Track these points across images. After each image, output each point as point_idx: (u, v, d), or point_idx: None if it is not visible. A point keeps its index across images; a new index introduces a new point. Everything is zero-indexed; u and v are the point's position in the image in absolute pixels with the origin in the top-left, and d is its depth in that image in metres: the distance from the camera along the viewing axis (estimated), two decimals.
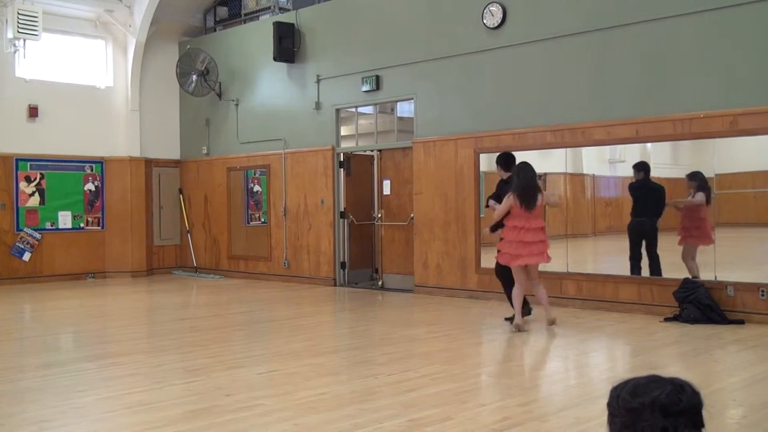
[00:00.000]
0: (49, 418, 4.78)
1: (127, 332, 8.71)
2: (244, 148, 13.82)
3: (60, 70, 13.67)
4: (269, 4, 13.69)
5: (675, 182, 9.18)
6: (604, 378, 5.97)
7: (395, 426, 4.48)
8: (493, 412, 4.89)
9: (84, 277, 13.87)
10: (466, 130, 10.47)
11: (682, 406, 1.70)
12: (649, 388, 1.74)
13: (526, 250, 7.72)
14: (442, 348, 7.15)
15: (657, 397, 1.71)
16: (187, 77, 14.00)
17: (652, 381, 1.76)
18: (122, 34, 14.16)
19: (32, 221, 13.33)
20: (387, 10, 11.48)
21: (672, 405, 1.70)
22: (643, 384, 1.76)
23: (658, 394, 1.71)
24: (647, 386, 1.74)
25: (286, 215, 13.10)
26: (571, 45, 9.38)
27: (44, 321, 9.84)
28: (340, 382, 5.79)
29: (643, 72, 8.79)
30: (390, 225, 11.85)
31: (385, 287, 11.85)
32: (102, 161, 14.13)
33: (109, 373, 6.20)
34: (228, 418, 4.70)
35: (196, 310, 10.84)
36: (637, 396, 1.73)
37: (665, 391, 1.72)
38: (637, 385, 1.76)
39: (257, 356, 6.98)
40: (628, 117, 8.89)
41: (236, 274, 14.00)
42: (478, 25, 10.21)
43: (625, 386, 1.79)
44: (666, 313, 8.40)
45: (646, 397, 1.71)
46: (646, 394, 1.72)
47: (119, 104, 14.34)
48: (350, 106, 12.25)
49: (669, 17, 8.54)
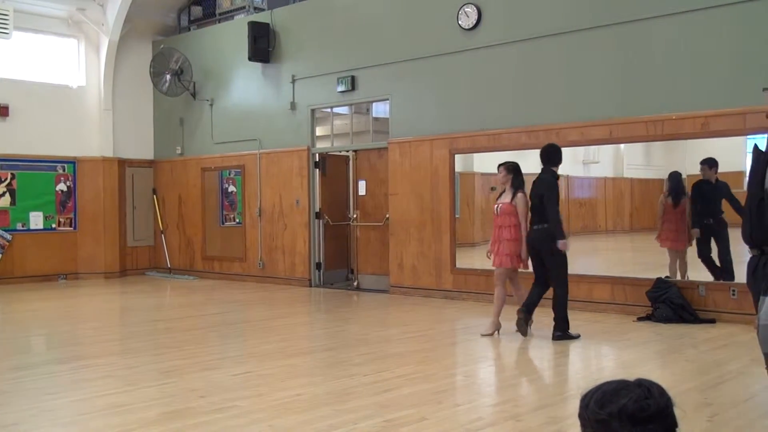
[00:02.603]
0: (19, 421, 4.72)
1: (99, 334, 8.62)
2: (219, 148, 13.75)
3: (31, 69, 13.49)
4: (244, 4, 13.62)
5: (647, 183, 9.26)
6: (578, 377, 6.02)
7: (371, 426, 4.47)
8: (468, 411, 4.91)
9: (56, 278, 13.71)
10: (441, 131, 10.49)
11: (651, 411, 1.68)
12: (617, 395, 1.71)
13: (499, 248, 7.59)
14: (417, 348, 7.16)
15: (624, 406, 1.68)
16: (161, 77, 13.89)
17: (620, 388, 1.73)
18: (95, 32, 14.02)
19: (3, 222, 13.15)
20: (362, 10, 11.48)
21: (640, 411, 1.68)
22: (611, 392, 1.73)
23: (625, 402, 1.68)
24: (615, 394, 1.71)
25: (261, 216, 13.04)
26: (546, 46, 9.43)
27: (15, 323, 9.70)
28: (315, 383, 5.78)
29: (617, 73, 8.87)
30: (365, 225, 11.85)
31: (361, 288, 11.84)
32: (74, 161, 13.97)
33: (81, 375, 6.13)
34: (203, 420, 4.67)
35: (170, 311, 10.76)
36: (604, 406, 1.70)
37: (632, 398, 1.69)
38: (605, 393, 1.73)
39: (232, 357, 6.95)
40: (602, 118, 8.97)
41: (211, 275, 13.92)
42: (453, 26, 10.24)
43: (593, 395, 1.75)
44: (639, 312, 8.49)
45: (614, 407, 1.69)
46: (614, 403, 1.69)
47: (92, 104, 14.20)
48: (325, 107, 12.23)
49: (643, 19, 8.62)
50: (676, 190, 8.76)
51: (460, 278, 10.30)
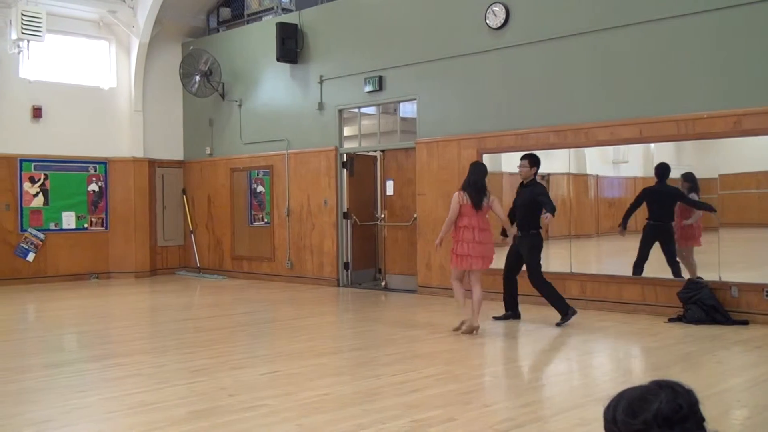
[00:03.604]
0: (51, 419, 4.78)
1: (130, 333, 8.71)
2: (248, 148, 13.83)
3: (63, 71, 13.68)
4: (272, 5, 13.69)
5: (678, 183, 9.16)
6: (608, 379, 5.96)
7: (399, 426, 4.47)
8: (497, 412, 4.88)
9: (87, 277, 13.88)
10: (468, 131, 10.46)
11: (684, 411, 1.66)
12: (645, 402, 1.68)
13: (478, 250, 7.59)
14: (445, 349, 7.14)
15: (659, 410, 1.65)
16: (191, 78, 14.01)
17: (644, 393, 1.70)
18: (125, 35, 14.18)
19: (36, 222, 13.35)
20: (390, 10, 11.48)
21: (675, 413, 1.65)
22: (637, 399, 1.70)
23: (658, 406, 1.66)
24: (642, 400, 1.68)
25: (289, 216, 13.10)
26: (575, 45, 9.36)
27: (47, 321, 9.84)
28: (343, 382, 5.78)
29: (647, 72, 8.77)
30: (393, 225, 11.85)
31: (389, 288, 11.84)
32: (105, 162, 14.14)
33: (111, 373, 6.20)
34: (231, 419, 4.69)
35: (200, 310, 10.84)
36: (636, 415, 1.66)
37: (663, 401, 1.66)
38: (631, 402, 1.70)
39: (260, 357, 6.98)
40: (631, 117, 8.88)
41: (239, 275, 14.00)
42: (481, 26, 10.20)
43: (617, 406, 1.72)
44: (670, 313, 8.38)
45: (648, 414, 1.65)
46: (646, 410, 1.66)
47: (123, 105, 14.36)
48: (353, 107, 12.25)
49: (673, 17, 8.52)
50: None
51: (488, 278, 10.24)
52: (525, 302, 9.45)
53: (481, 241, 7.59)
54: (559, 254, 9.83)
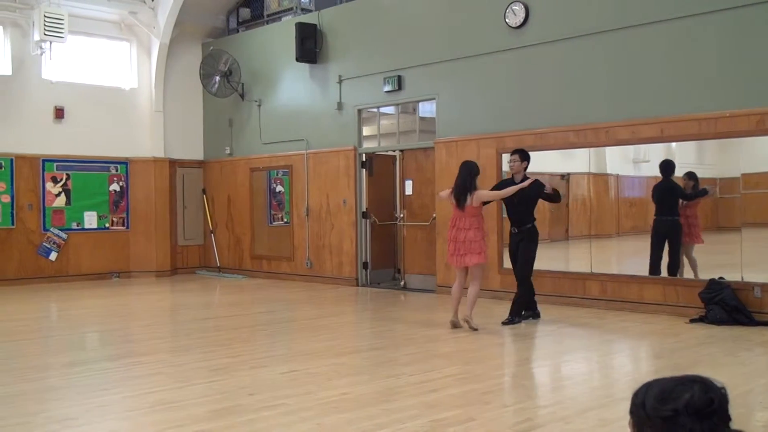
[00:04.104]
0: (73, 416, 4.83)
1: (150, 331, 8.77)
2: (267, 148, 13.88)
3: (85, 72, 13.80)
4: (291, 5, 13.72)
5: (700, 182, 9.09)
6: (629, 379, 5.92)
7: (418, 426, 4.46)
8: (516, 413, 4.87)
9: (109, 276, 14.00)
10: (488, 130, 10.43)
11: (715, 405, 1.66)
12: (676, 391, 1.68)
13: (462, 249, 7.81)
14: (464, 348, 7.13)
15: (690, 400, 1.65)
16: (211, 78, 14.08)
17: (677, 383, 1.71)
18: (146, 35, 14.28)
19: (59, 221, 13.48)
20: (409, 10, 11.47)
21: (705, 406, 1.66)
22: (670, 388, 1.70)
23: (690, 397, 1.66)
24: (674, 390, 1.69)
25: (308, 215, 13.13)
26: (595, 44, 9.31)
27: (69, 320, 9.94)
28: (362, 382, 5.78)
29: (668, 70, 8.70)
30: (412, 225, 11.84)
31: (408, 287, 11.84)
32: (126, 162, 14.25)
33: (133, 372, 6.24)
34: (251, 417, 4.71)
35: (219, 309, 10.90)
36: (667, 402, 1.67)
37: (695, 393, 1.67)
38: (663, 389, 1.70)
39: (280, 356, 7.00)
40: (652, 116, 8.81)
41: (259, 274, 14.06)
42: (500, 25, 10.17)
43: (647, 391, 1.72)
44: (691, 314, 8.31)
45: (678, 403, 1.66)
46: (677, 399, 1.66)
47: (143, 105, 14.46)
48: (372, 107, 12.25)
49: (693, 15, 8.44)
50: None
51: (508, 278, 10.20)
52: (545, 302, 9.43)
53: (465, 239, 7.77)
54: (580, 254, 9.78)
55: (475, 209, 7.82)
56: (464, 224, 7.80)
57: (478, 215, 7.87)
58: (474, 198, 7.80)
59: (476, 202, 7.81)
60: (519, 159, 8.31)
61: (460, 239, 7.79)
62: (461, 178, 7.89)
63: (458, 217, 7.86)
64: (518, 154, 8.35)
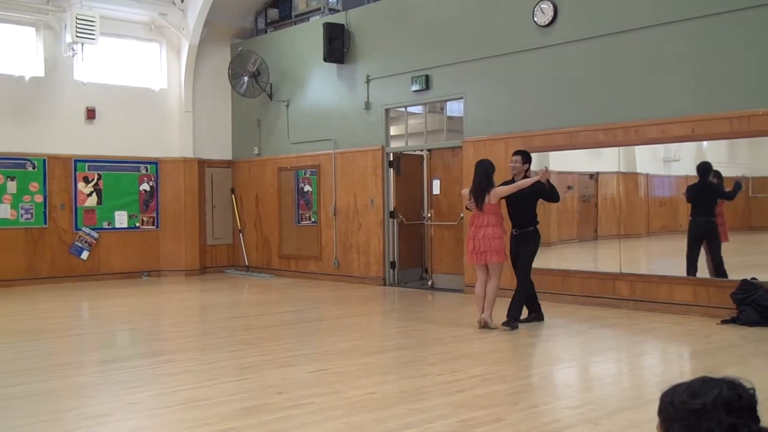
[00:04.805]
0: (105, 413, 4.90)
1: (180, 330, 8.85)
2: (295, 148, 13.94)
3: (116, 73, 13.96)
4: (319, 6, 13.77)
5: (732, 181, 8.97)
6: (659, 381, 5.86)
7: (445, 426, 4.46)
8: (545, 413, 4.84)
9: (139, 275, 14.15)
10: (516, 130, 10.38)
11: (744, 402, 1.69)
12: (705, 388, 1.71)
13: (473, 247, 7.86)
14: (492, 348, 7.11)
15: (719, 395, 1.69)
16: (239, 79, 14.18)
17: (705, 382, 1.74)
18: (176, 37, 14.41)
19: (90, 221, 13.65)
20: (436, 9, 11.45)
21: (735, 401, 1.68)
22: (699, 386, 1.74)
23: (719, 392, 1.69)
24: (703, 387, 1.72)
25: (336, 215, 13.16)
26: (624, 42, 9.22)
27: (101, 318, 10.07)
28: (389, 381, 5.79)
29: (699, 68, 8.59)
30: (439, 224, 11.82)
31: (435, 287, 11.82)
32: (156, 162, 14.40)
33: (162, 369, 6.31)
34: (279, 416, 4.74)
35: (248, 308, 10.97)
36: (697, 397, 1.70)
37: (724, 389, 1.70)
38: (692, 386, 1.74)
39: (307, 355, 7.03)
40: (682, 115, 8.71)
41: (287, 273, 14.13)
42: (528, 23, 10.12)
43: (676, 391, 1.76)
44: (723, 315, 8.20)
45: (707, 397, 1.69)
46: (706, 394, 1.69)
47: (173, 106, 14.60)
48: (400, 106, 12.25)
49: (725, 12, 8.33)
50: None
51: (536, 278, 10.15)
52: (573, 302, 9.38)
53: (483, 236, 7.79)
54: (609, 254, 9.70)
55: (494, 207, 7.84)
56: (483, 222, 7.83)
57: (497, 213, 7.88)
58: (491, 196, 7.82)
59: (494, 200, 7.83)
60: (521, 161, 8.19)
61: (479, 237, 7.82)
62: (477, 178, 7.93)
63: (477, 215, 7.90)
64: (520, 156, 8.23)
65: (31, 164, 13.00)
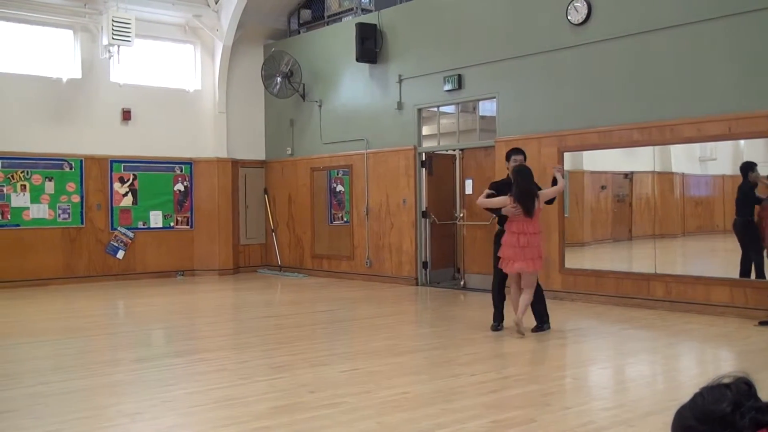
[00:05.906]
0: (141, 411, 4.96)
1: (214, 329, 8.94)
2: (327, 148, 13.99)
3: (151, 75, 14.14)
4: (352, 6, 13.81)
5: None
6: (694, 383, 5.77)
7: (478, 427, 4.45)
8: (578, 415, 4.81)
9: (174, 275, 14.31)
10: (549, 129, 10.31)
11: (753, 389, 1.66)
12: (720, 392, 1.67)
13: (521, 254, 7.51)
14: (525, 349, 7.07)
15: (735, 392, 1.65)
16: (272, 79, 14.27)
17: (712, 388, 1.69)
18: (210, 38, 14.55)
19: (125, 221, 13.84)
20: (469, 8, 11.42)
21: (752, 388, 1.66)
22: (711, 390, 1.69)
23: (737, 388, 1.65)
24: (718, 391, 1.68)
25: (368, 215, 13.19)
26: (659, 40, 9.11)
27: (136, 317, 10.20)
28: (421, 381, 5.79)
29: (736, 66, 8.46)
30: (472, 225, 11.79)
31: (468, 287, 11.79)
32: (191, 162, 14.55)
33: (196, 368, 6.38)
34: (312, 415, 4.77)
35: (281, 308, 11.04)
36: (719, 402, 1.66)
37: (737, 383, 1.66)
38: (703, 395, 1.69)
39: (340, 354, 7.06)
40: (719, 113, 8.58)
41: (319, 273, 14.18)
42: (562, 22, 10.05)
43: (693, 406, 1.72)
44: (760, 316, 8.06)
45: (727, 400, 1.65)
46: (726, 396, 1.65)
47: (207, 107, 14.74)
48: (432, 106, 12.24)
49: (761, 9, 8.19)
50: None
51: (569, 278, 10.10)
52: (607, 303, 9.29)
53: (528, 244, 7.51)
54: (643, 254, 9.59)
55: (539, 211, 7.69)
56: (531, 229, 7.54)
57: (539, 218, 7.75)
58: (540, 201, 7.65)
59: (541, 204, 7.70)
60: (523, 161, 7.99)
61: (533, 244, 7.51)
62: (525, 185, 7.56)
63: (525, 222, 7.52)
64: (522, 155, 8.07)
65: (68, 165, 13.21)
